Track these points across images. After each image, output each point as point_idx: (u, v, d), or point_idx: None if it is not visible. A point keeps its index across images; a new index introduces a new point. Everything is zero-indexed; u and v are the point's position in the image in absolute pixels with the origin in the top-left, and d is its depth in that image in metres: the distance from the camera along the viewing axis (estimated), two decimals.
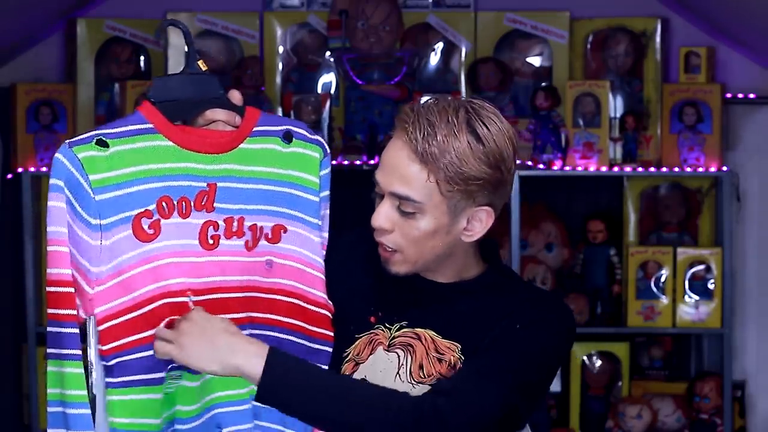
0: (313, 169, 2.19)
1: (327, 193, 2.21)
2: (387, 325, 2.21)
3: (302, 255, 2.17)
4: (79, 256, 2.01)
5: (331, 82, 4.65)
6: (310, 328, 2.17)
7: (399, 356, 2.18)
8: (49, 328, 2.01)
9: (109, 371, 2.03)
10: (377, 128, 4.47)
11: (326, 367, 2.18)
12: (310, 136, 2.20)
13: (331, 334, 2.19)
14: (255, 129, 2.14)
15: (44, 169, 4.40)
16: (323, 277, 2.18)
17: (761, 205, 4.68)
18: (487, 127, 2.09)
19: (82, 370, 2.01)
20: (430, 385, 2.16)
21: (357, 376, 2.20)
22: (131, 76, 4.58)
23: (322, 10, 4.64)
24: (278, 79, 4.65)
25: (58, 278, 1.99)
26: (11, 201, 4.48)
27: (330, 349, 2.19)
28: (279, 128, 2.17)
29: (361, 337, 2.21)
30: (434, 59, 4.68)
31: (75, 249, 2.00)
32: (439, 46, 4.68)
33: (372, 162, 4.41)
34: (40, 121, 4.47)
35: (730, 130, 4.65)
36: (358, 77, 4.47)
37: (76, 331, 2.00)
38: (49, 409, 2.03)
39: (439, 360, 2.16)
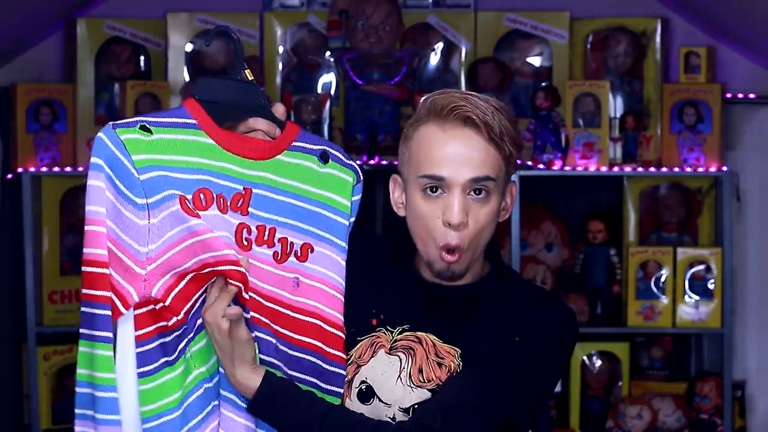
0: (346, 193, 2.19)
1: (353, 218, 2.22)
2: (389, 328, 2.21)
3: (327, 276, 2.17)
4: (126, 237, 2.00)
5: (331, 82, 4.65)
6: (327, 349, 2.18)
7: (401, 359, 2.18)
8: (82, 309, 2.00)
9: (167, 348, 2.03)
10: (377, 128, 4.47)
11: (340, 390, 2.19)
12: (345, 160, 2.22)
13: (345, 357, 2.20)
14: (294, 143, 2.16)
15: (44, 169, 4.40)
16: (343, 299, 2.19)
17: (761, 205, 4.68)
18: (495, 99, 2.18)
19: (113, 353, 2.00)
20: (429, 390, 2.16)
21: (358, 378, 2.21)
22: (131, 76, 4.58)
23: (322, 10, 4.64)
24: (278, 79, 4.65)
25: (95, 258, 1.99)
26: (11, 201, 4.48)
27: (344, 372, 2.20)
28: (317, 147, 2.18)
29: (362, 339, 2.22)
30: (434, 59, 4.68)
31: (121, 230, 2.00)
32: (439, 46, 4.68)
33: (372, 162, 4.40)
34: (40, 121, 4.47)
35: (730, 130, 4.64)
36: (358, 77, 4.46)
37: (109, 313, 1.99)
38: (78, 390, 2.03)
39: (439, 364, 2.17)
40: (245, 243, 2.09)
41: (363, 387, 2.20)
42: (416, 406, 2.16)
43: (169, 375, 2.04)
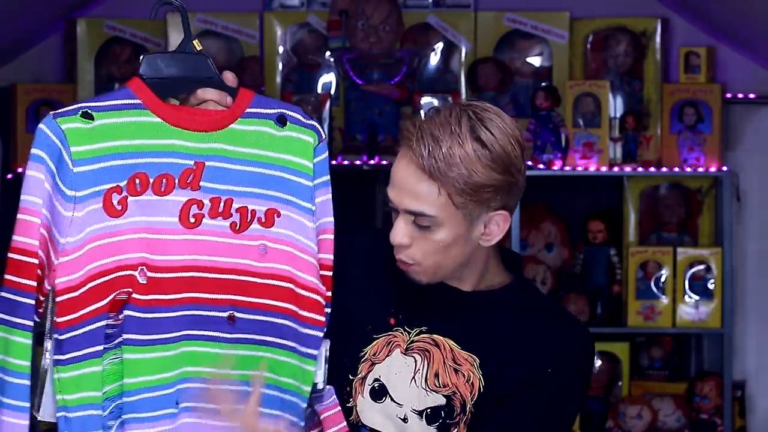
0: (307, 154, 2.16)
1: (326, 178, 2.17)
2: (406, 328, 2.19)
3: (295, 239, 2.14)
4: (52, 227, 2.00)
5: (331, 82, 4.65)
6: (301, 312, 2.15)
7: (416, 361, 2.17)
8: (2, 294, 2.00)
9: (59, 347, 2.01)
10: (377, 128, 4.47)
11: (315, 352, 2.15)
12: (304, 120, 2.16)
13: (323, 319, 2.15)
14: (248, 110, 2.12)
15: None
16: (316, 262, 2.15)
17: (761, 205, 4.69)
18: (491, 132, 2.06)
19: (30, 342, 2.00)
20: (444, 395, 2.15)
21: (372, 376, 2.19)
22: (131, 76, 4.58)
23: (322, 10, 4.64)
24: (278, 79, 4.65)
25: (25, 247, 1.98)
26: (11, 201, 4.47)
27: (320, 334, 2.15)
28: (273, 111, 2.14)
29: (379, 337, 2.20)
30: (434, 59, 4.68)
31: (51, 219, 2.00)
32: (439, 46, 4.68)
33: (372, 162, 4.41)
34: (40, 121, 4.46)
35: (730, 130, 4.65)
36: (358, 77, 4.47)
37: (33, 302, 1.99)
38: None
39: (456, 371, 2.15)
40: (192, 220, 2.07)
41: (376, 385, 2.19)
42: (429, 411, 2.16)
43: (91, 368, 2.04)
